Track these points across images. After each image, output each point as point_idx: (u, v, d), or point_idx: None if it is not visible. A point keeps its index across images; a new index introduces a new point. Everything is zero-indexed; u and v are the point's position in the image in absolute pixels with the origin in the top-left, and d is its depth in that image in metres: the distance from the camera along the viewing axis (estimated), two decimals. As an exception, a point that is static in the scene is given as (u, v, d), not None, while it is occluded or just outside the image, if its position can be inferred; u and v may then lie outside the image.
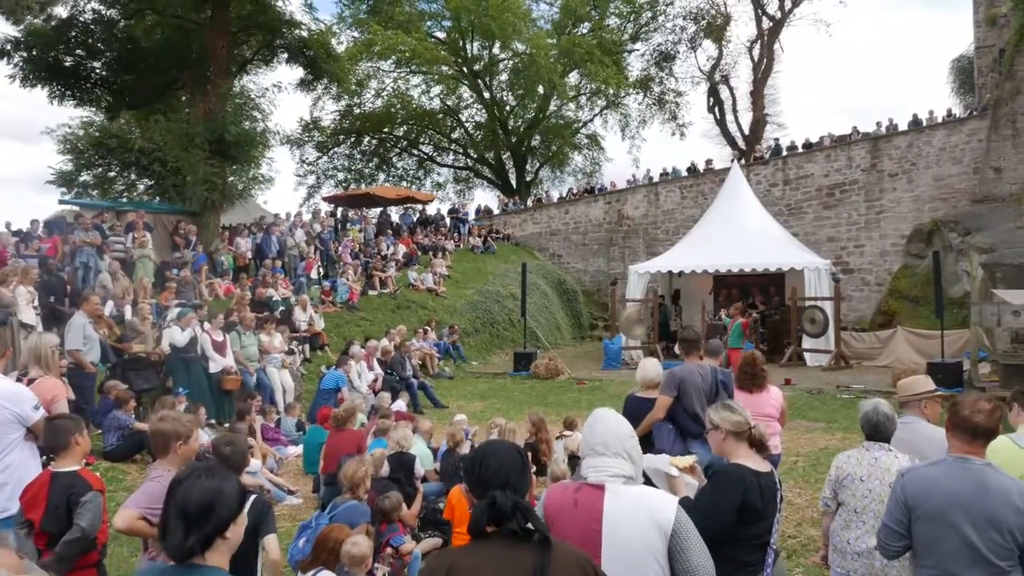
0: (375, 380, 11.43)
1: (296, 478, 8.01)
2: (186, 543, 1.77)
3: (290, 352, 11.57)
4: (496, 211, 31.66)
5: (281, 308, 13.84)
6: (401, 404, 10.73)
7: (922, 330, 16.67)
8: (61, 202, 17.93)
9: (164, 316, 11.31)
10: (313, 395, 11.08)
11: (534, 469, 6.04)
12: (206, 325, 10.05)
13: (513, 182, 36.66)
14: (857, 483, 3.59)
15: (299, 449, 8.61)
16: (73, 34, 17.69)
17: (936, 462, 2.89)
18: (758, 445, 3.12)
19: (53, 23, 17.24)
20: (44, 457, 3.92)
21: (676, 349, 5.89)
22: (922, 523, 2.80)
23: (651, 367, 5.42)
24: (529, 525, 1.78)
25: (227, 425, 8.17)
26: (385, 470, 5.64)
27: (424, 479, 6.78)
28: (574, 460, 7.27)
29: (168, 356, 9.36)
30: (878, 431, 3.66)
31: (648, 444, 5.07)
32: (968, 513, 2.68)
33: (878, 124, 25.50)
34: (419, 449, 6.82)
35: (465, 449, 6.58)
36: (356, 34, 32.30)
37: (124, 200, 19.34)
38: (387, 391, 10.82)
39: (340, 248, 19.53)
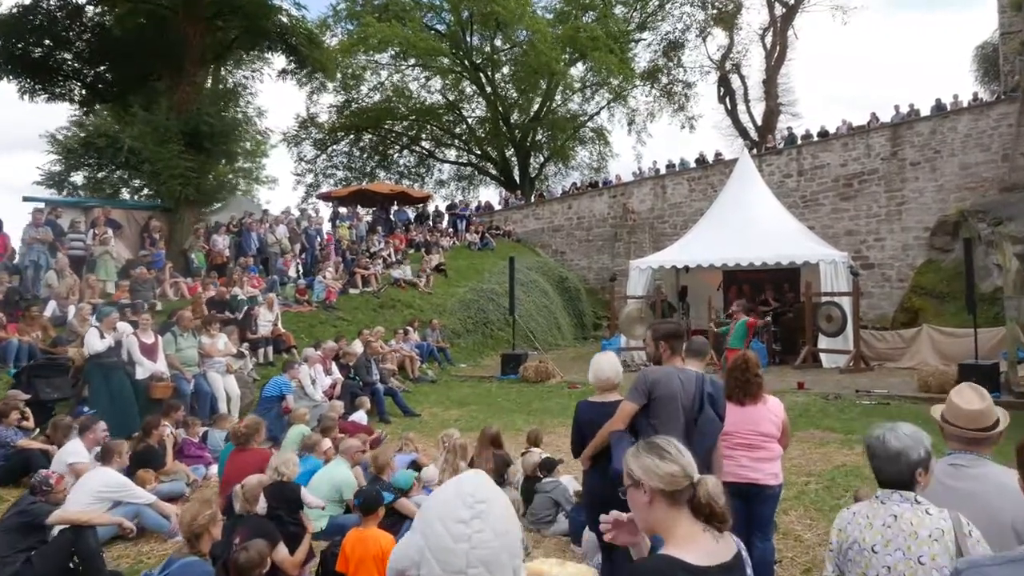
0: (333, 386, 10.20)
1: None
2: None
3: (239, 355, 10.39)
4: (497, 206, 30.45)
5: (246, 307, 12.75)
6: (362, 414, 9.53)
7: (950, 328, 15.23)
8: (25, 199, 16.93)
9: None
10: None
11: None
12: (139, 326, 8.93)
13: (517, 178, 35.46)
14: (868, 555, 2.25)
15: (219, 468, 7.39)
16: (37, 22, 16.69)
17: (1018, 559, 1.61)
18: (708, 514, 1.81)
19: (13, 10, 16.24)
20: None
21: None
22: None
23: (605, 363, 4.12)
24: None
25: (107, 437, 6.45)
26: (262, 505, 4.41)
27: (347, 509, 5.59)
28: (530, 482, 6.15)
29: (86, 361, 8.22)
30: (895, 472, 2.32)
31: (606, 460, 3.81)
32: None
33: (896, 108, 23.98)
34: (341, 473, 5.61)
35: (392, 475, 5.38)
36: (351, 27, 31.29)
37: (120, 199, 18.46)
38: (346, 398, 9.66)
39: (327, 244, 18.51)
